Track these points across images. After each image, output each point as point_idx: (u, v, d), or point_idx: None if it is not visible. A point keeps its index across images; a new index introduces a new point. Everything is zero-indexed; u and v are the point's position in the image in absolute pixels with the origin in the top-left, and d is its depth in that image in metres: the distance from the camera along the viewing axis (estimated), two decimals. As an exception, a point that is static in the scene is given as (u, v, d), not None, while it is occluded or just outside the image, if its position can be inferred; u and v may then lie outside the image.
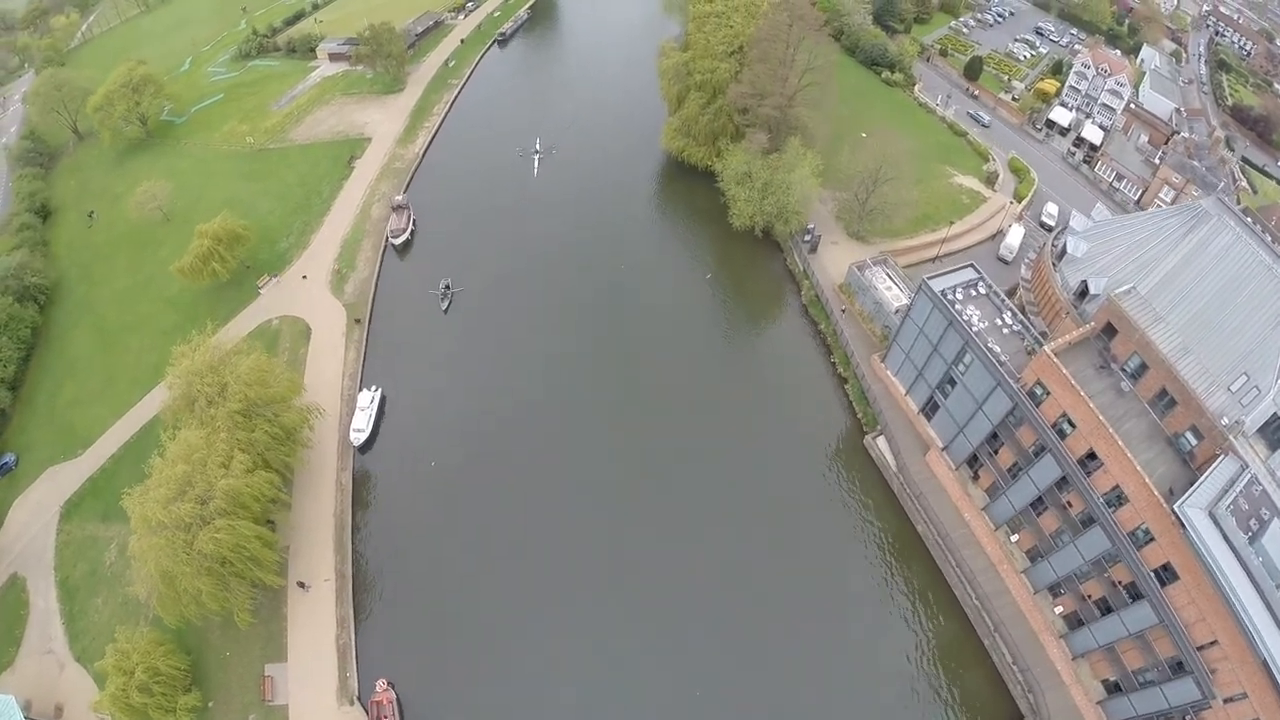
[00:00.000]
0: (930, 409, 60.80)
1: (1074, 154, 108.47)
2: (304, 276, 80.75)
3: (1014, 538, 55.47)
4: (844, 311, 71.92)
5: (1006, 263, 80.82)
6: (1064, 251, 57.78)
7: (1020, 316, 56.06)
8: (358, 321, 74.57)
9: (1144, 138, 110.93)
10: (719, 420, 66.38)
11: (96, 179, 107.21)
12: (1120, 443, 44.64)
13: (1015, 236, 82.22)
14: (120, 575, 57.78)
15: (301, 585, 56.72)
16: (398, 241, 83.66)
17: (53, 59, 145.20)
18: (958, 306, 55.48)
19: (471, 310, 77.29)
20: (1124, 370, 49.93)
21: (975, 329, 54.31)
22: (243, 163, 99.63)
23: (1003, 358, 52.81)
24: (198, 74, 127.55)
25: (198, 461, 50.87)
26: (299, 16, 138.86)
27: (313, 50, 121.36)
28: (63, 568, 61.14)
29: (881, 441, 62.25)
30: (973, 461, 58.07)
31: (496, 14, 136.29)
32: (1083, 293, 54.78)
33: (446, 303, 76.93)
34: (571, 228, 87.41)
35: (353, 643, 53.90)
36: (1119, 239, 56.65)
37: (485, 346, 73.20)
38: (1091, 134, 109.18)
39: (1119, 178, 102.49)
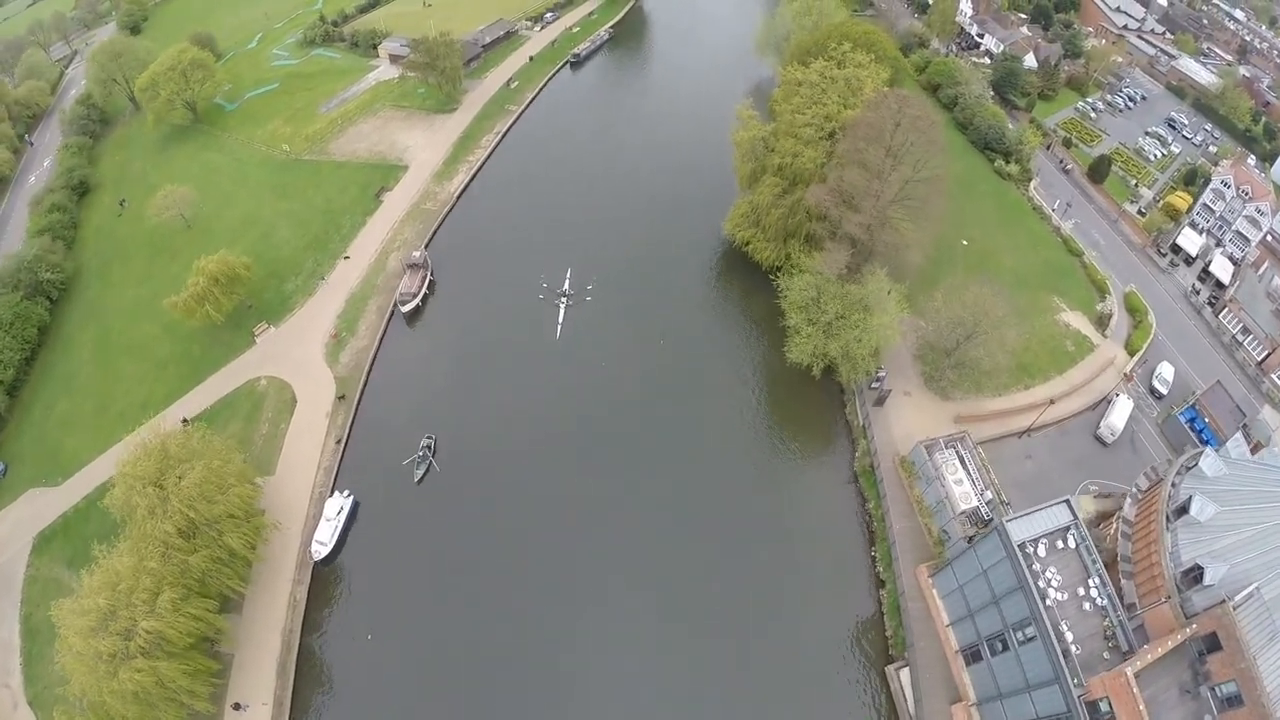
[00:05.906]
0: (972, 655, 50.52)
1: (1198, 291, 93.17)
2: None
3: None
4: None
5: (1105, 445, 66.90)
6: (1184, 508, 46.08)
7: (1109, 589, 45.04)
8: (342, 399, 67.04)
9: (1277, 280, 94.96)
10: (729, 595, 56.59)
11: (138, 161, 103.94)
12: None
13: (1120, 414, 67.85)
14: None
15: (237, 707, 51.85)
16: (406, 309, 74.90)
17: (134, 14, 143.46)
18: (1036, 566, 44.88)
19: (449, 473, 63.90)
20: (1214, 693, 39.18)
21: (1050, 601, 43.82)
22: (275, 172, 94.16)
23: (1074, 648, 42.37)
24: (262, 55, 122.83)
25: (123, 592, 45.66)
26: (374, 4, 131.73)
27: (375, 47, 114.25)
28: (28, 603, 59.86)
29: (905, 674, 52.12)
30: (1007, 731, 47.93)
31: (575, 29, 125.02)
32: (1194, 576, 43.38)
33: (422, 470, 62.67)
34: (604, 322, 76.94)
35: (278, 781, 48.78)
36: (1255, 513, 44.60)
37: (471, 485, 63.01)
38: (1220, 268, 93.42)
39: (1244, 331, 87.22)
